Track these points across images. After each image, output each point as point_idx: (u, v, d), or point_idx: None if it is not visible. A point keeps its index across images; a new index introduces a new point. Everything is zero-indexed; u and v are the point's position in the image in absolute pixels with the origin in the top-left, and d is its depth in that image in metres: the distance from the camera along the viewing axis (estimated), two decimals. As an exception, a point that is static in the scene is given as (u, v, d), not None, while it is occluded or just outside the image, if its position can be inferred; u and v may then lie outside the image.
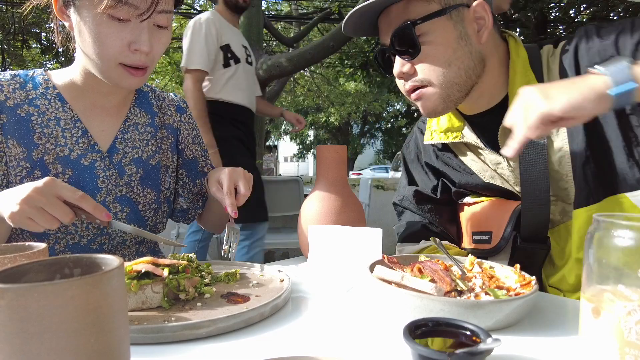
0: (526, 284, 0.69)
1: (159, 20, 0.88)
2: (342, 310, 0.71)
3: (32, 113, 0.93)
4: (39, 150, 0.93)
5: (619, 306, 0.42)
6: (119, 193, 1.00)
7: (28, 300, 0.33)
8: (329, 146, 1.03)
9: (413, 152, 1.18)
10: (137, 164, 1.04)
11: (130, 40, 0.85)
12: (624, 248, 0.42)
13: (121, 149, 1.02)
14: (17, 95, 0.93)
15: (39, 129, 0.93)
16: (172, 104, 1.16)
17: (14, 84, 0.94)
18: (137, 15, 0.83)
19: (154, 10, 0.84)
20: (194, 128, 1.20)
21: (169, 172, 1.12)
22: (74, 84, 0.97)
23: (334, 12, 9.19)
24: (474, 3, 0.88)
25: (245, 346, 0.57)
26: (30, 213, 0.72)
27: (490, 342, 0.46)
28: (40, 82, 0.97)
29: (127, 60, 0.87)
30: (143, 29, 0.85)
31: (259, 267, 0.90)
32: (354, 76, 9.62)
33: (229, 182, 0.92)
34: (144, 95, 1.11)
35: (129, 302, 0.66)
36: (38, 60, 8.39)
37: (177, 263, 0.74)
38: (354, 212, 1.01)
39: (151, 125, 1.09)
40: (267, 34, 9.14)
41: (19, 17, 5.95)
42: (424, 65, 0.89)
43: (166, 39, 0.92)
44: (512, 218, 0.96)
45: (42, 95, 0.95)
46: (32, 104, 0.94)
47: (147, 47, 0.86)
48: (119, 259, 0.41)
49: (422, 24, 0.86)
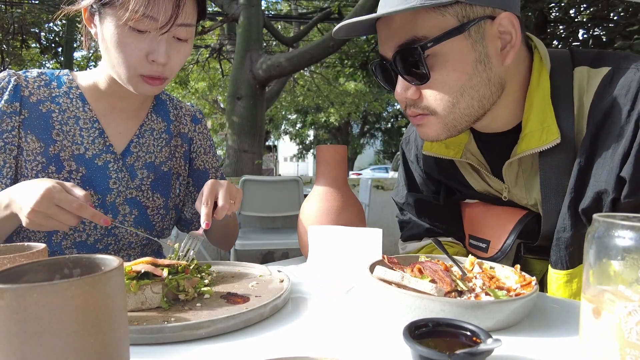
0: (526, 284, 0.69)
1: (179, 33, 0.90)
2: (342, 310, 0.71)
3: (53, 110, 0.96)
4: (56, 147, 0.95)
5: (620, 307, 0.42)
6: (129, 195, 1.02)
7: (27, 301, 0.33)
8: (329, 146, 1.03)
9: (413, 152, 1.07)
10: (149, 168, 1.06)
11: (148, 51, 0.87)
12: (624, 248, 0.42)
13: (135, 152, 1.04)
14: (41, 92, 0.96)
15: (58, 126, 0.96)
16: (189, 114, 1.18)
17: (39, 81, 0.97)
18: (157, 29, 0.85)
19: (173, 24, 0.86)
20: (208, 139, 1.21)
21: (180, 179, 1.14)
22: (96, 86, 1.00)
23: (333, 12, 9.19)
24: (500, 15, 0.72)
25: (244, 347, 0.57)
26: (40, 223, 0.76)
27: (491, 343, 0.46)
28: (65, 81, 1.00)
29: (145, 70, 0.89)
30: (161, 41, 0.87)
31: (260, 268, 0.90)
32: (354, 76, 9.63)
33: (208, 193, 0.89)
34: (162, 103, 1.13)
35: (129, 302, 0.66)
36: (37, 60, 8.38)
37: (177, 263, 0.74)
38: (353, 212, 1.01)
39: (166, 132, 1.11)
40: (267, 33, 9.14)
41: (18, 16, 5.94)
42: (431, 92, 0.75)
43: (185, 51, 0.93)
44: (516, 228, 0.88)
45: (65, 93, 0.98)
46: (54, 102, 0.97)
47: (164, 59, 0.88)
48: (118, 260, 0.41)
49: (434, 47, 0.71)
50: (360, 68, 8.98)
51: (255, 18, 7.31)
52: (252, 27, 7.24)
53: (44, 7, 6.11)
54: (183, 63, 0.95)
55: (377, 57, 0.96)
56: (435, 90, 0.74)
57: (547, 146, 0.76)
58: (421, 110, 0.78)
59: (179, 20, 0.87)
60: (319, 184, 1.04)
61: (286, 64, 6.91)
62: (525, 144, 0.79)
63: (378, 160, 26.47)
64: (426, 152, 0.96)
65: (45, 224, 0.76)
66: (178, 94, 13.14)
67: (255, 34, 7.27)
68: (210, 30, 9.19)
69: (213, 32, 10.04)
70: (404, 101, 0.79)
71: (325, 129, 22.32)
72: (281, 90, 10.31)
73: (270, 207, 3.18)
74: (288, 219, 3.87)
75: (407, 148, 1.10)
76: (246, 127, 7.07)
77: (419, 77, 0.74)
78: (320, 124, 21.30)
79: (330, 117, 19.06)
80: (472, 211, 1.02)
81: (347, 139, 22.49)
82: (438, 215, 1.07)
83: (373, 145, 25.12)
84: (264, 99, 7.43)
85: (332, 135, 22.58)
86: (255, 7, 7.32)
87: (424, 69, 0.73)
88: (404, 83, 0.77)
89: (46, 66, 8.53)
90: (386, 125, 23.57)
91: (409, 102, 0.79)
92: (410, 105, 0.79)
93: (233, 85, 7.07)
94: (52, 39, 7.29)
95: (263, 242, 3.22)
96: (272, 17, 10.87)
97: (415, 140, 1.07)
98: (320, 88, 14.96)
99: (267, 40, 11.18)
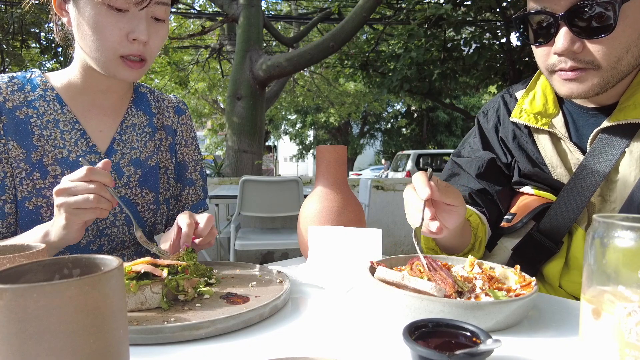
0: (526, 285, 0.69)
1: (157, 11, 0.89)
2: (342, 311, 0.71)
3: (31, 115, 0.94)
4: (38, 152, 0.93)
5: (619, 307, 0.42)
6: (117, 194, 1.00)
7: (27, 301, 0.33)
8: (329, 146, 1.03)
9: (492, 121, 1.10)
10: (136, 164, 1.04)
11: (129, 30, 0.87)
12: (624, 249, 0.42)
13: (119, 150, 1.02)
14: (16, 97, 0.94)
15: (38, 131, 0.93)
16: (171, 106, 1.16)
17: (12, 86, 0.94)
18: (135, 4, 0.85)
19: (151, 0, 0.85)
20: (191, 130, 1.19)
21: (168, 173, 1.12)
22: (72, 84, 0.98)
23: (333, 12, 9.19)
24: None
25: (244, 347, 0.57)
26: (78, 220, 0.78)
27: (491, 343, 0.46)
28: (39, 83, 0.97)
29: (126, 50, 0.88)
30: (141, 19, 0.87)
31: (260, 268, 0.90)
32: (353, 76, 9.62)
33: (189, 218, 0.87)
34: (142, 96, 1.11)
35: (128, 302, 0.66)
36: (37, 60, 8.38)
37: (177, 264, 0.73)
38: (353, 213, 1.01)
39: (149, 126, 1.09)
40: (266, 34, 9.15)
41: (18, 16, 5.94)
42: (600, 47, 0.78)
43: (164, 32, 0.93)
44: (535, 210, 0.94)
45: (40, 97, 0.95)
46: (31, 106, 0.94)
47: (145, 37, 0.87)
48: (118, 260, 0.41)
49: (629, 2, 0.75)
50: (360, 68, 8.98)
51: (255, 18, 7.31)
52: (252, 28, 7.24)
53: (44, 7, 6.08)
54: (161, 46, 0.95)
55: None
56: (604, 45, 0.78)
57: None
58: (583, 64, 0.81)
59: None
60: (319, 185, 1.04)
61: (286, 65, 6.91)
62: (623, 114, 0.85)
63: (378, 161, 26.47)
64: (514, 119, 1.01)
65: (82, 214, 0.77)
66: (178, 94, 13.14)
67: (255, 34, 7.27)
68: (210, 30, 9.20)
69: (213, 32, 10.04)
70: (567, 54, 0.81)
71: (325, 129, 22.33)
72: (281, 90, 10.32)
73: (270, 207, 3.18)
74: (288, 219, 3.87)
75: (484, 119, 1.13)
76: (246, 127, 7.07)
77: (594, 31, 0.78)
78: (320, 124, 21.31)
79: (330, 117, 19.07)
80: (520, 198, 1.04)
81: (347, 140, 22.50)
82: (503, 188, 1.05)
83: (373, 146, 25.14)
84: (264, 99, 7.43)
85: (332, 135, 22.59)
86: (255, 7, 7.33)
87: (611, 25, 0.76)
88: (571, 36, 0.79)
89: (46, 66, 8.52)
90: (386, 126, 23.58)
91: (570, 56, 0.81)
92: (571, 59, 0.82)
93: (233, 85, 7.07)
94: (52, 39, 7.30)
95: (263, 243, 3.22)
96: (272, 18, 10.88)
97: (498, 111, 1.11)
98: (320, 88, 14.98)
99: (267, 41, 11.19)
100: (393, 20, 8.39)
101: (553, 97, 0.98)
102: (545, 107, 0.97)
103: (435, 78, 7.59)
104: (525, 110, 0.99)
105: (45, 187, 0.93)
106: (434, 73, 7.59)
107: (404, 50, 7.81)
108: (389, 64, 8.51)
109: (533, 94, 1.01)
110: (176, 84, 12.10)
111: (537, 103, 0.99)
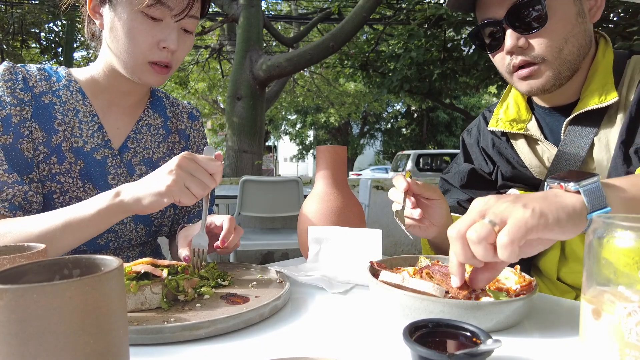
0: (526, 285, 0.69)
1: (188, 24, 0.95)
2: (342, 311, 0.71)
3: (54, 102, 0.97)
4: (58, 137, 0.96)
5: (619, 307, 0.42)
6: None
7: (27, 301, 0.33)
8: (329, 147, 1.03)
9: (474, 136, 1.20)
10: (147, 164, 1.06)
11: (161, 38, 0.91)
12: (624, 249, 0.42)
13: (132, 148, 1.04)
14: (43, 85, 0.98)
15: (60, 117, 0.97)
16: (185, 111, 1.19)
17: (40, 75, 0.99)
18: (172, 16, 0.90)
19: (187, 14, 0.91)
20: (203, 137, 1.21)
21: None
22: (95, 81, 1.01)
23: (333, 12, 9.20)
24: None
25: (244, 347, 0.57)
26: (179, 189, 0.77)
27: (491, 344, 0.46)
28: (64, 75, 1.01)
29: (155, 57, 0.93)
30: (173, 29, 0.92)
31: (260, 268, 0.90)
32: (353, 76, 9.63)
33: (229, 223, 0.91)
34: (158, 100, 1.14)
35: (128, 302, 0.66)
36: (37, 60, 8.38)
37: (176, 264, 0.74)
38: (353, 213, 1.01)
39: (163, 128, 1.11)
40: (267, 34, 9.15)
41: (18, 16, 5.94)
42: (541, 40, 0.89)
43: (190, 43, 0.99)
44: None
45: (65, 86, 0.99)
46: (55, 95, 0.98)
47: (175, 46, 0.92)
48: (118, 260, 0.41)
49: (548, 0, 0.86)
50: (360, 69, 8.98)
51: (255, 18, 7.31)
52: (252, 28, 7.24)
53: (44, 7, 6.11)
54: (186, 55, 1.00)
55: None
56: (544, 38, 0.88)
57: (606, 104, 0.90)
58: (531, 58, 0.90)
59: (192, 11, 0.92)
60: (318, 185, 1.04)
61: (286, 65, 6.91)
62: (584, 103, 0.93)
63: (378, 161, 26.47)
64: (492, 127, 1.09)
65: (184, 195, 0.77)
66: (178, 94, 13.14)
67: (255, 34, 7.27)
68: (210, 30, 9.20)
69: (213, 32, 10.05)
70: (515, 51, 0.91)
71: (325, 130, 22.33)
72: (281, 90, 10.31)
73: (270, 207, 3.18)
74: (288, 219, 3.87)
75: (467, 136, 1.23)
76: (246, 127, 7.07)
77: (533, 27, 0.88)
78: (320, 125, 21.31)
79: (330, 117, 19.07)
80: None
81: (347, 140, 22.50)
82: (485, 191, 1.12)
83: (373, 146, 25.14)
84: (264, 100, 7.43)
85: (332, 135, 22.59)
86: (255, 7, 7.33)
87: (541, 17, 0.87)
88: (516, 34, 0.90)
89: (46, 66, 8.52)
90: (386, 126, 23.59)
91: (518, 52, 0.91)
92: (519, 55, 0.92)
93: (233, 85, 7.07)
94: (52, 39, 7.29)
95: (263, 243, 3.22)
96: (272, 18, 10.88)
97: (478, 126, 1.21)
98: (320, 88, 14.98)
99: (267, 41, 11.18)
100: (393, 21, 8.40)
101: (525, 104, 1.06)
102: (518, 114, 1.06)
103: (435, 78, 7.60)
104: (501, 119, 1.08)
105: (61, 172, 0.95)
106: (434, 73, 7.60)
107: (404, 50, 7.82)
108: (389, 64, 8.52)
109: (506, 104, 1.09)
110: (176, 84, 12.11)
111: (510, 111, 1.07)
